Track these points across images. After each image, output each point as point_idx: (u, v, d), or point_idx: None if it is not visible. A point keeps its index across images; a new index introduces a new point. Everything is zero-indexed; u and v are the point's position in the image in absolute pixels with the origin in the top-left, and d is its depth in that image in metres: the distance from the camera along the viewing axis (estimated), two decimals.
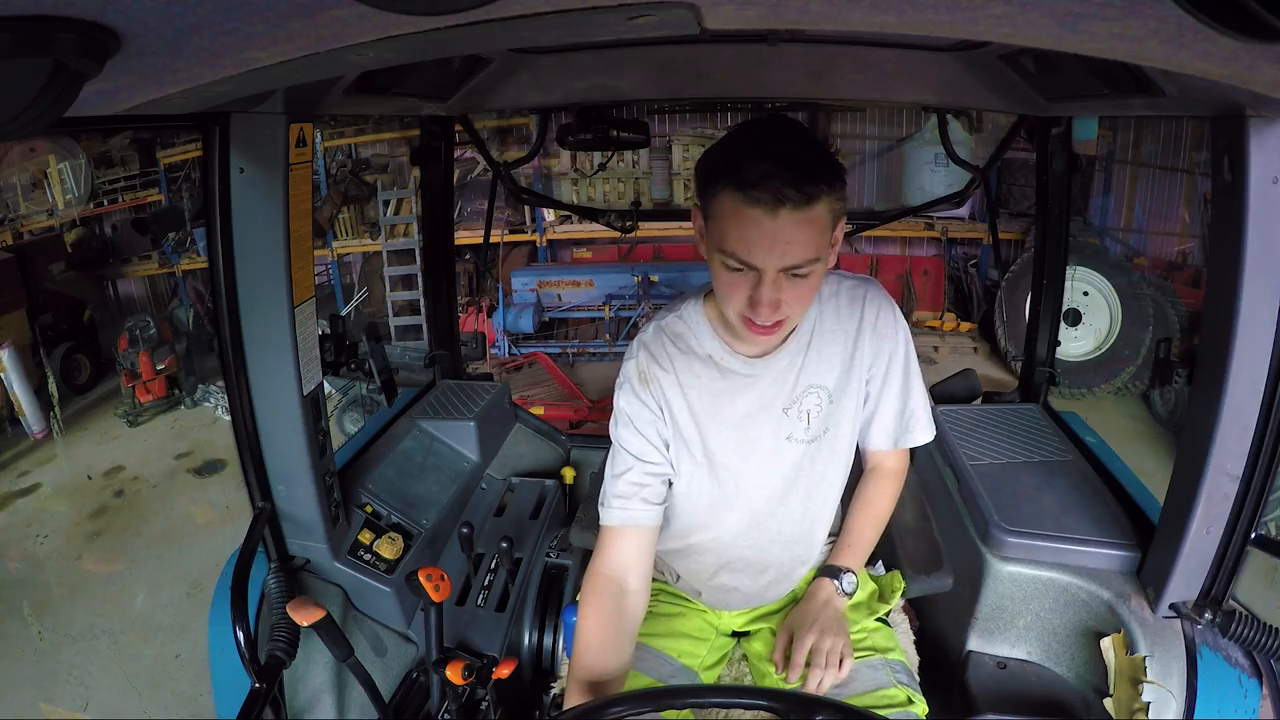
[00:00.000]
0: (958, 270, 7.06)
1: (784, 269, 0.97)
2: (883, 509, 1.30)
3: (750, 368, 1.17)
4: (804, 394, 1.19)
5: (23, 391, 5.76)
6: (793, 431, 1.20)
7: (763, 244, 0.95)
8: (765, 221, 0.94)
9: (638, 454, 1.18)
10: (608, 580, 1.15)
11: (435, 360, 2.16)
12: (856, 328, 1.19)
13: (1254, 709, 1.18)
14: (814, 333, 1.18)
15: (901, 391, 1.24)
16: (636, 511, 1.16)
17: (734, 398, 1.18)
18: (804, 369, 1.18)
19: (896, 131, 7.05)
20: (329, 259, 7.34)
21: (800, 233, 0.95)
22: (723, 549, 1.27)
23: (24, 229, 7.21)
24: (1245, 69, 0.64)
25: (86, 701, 3.16)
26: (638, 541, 1.16)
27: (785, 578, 1.30)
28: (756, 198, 0.93)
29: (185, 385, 6.20)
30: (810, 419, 1.20)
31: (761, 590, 1.30)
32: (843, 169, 1.00)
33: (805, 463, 1.22)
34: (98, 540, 4.41)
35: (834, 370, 1.19)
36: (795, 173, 0.93)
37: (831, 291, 1.20)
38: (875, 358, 1.21)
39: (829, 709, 0.88)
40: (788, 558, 1.28)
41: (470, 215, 6.52)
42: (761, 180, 0.93)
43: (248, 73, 0.66)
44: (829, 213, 0.98)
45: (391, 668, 1.46)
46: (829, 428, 1.21)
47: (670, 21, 0.58)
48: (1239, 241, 0.98)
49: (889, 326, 1.21)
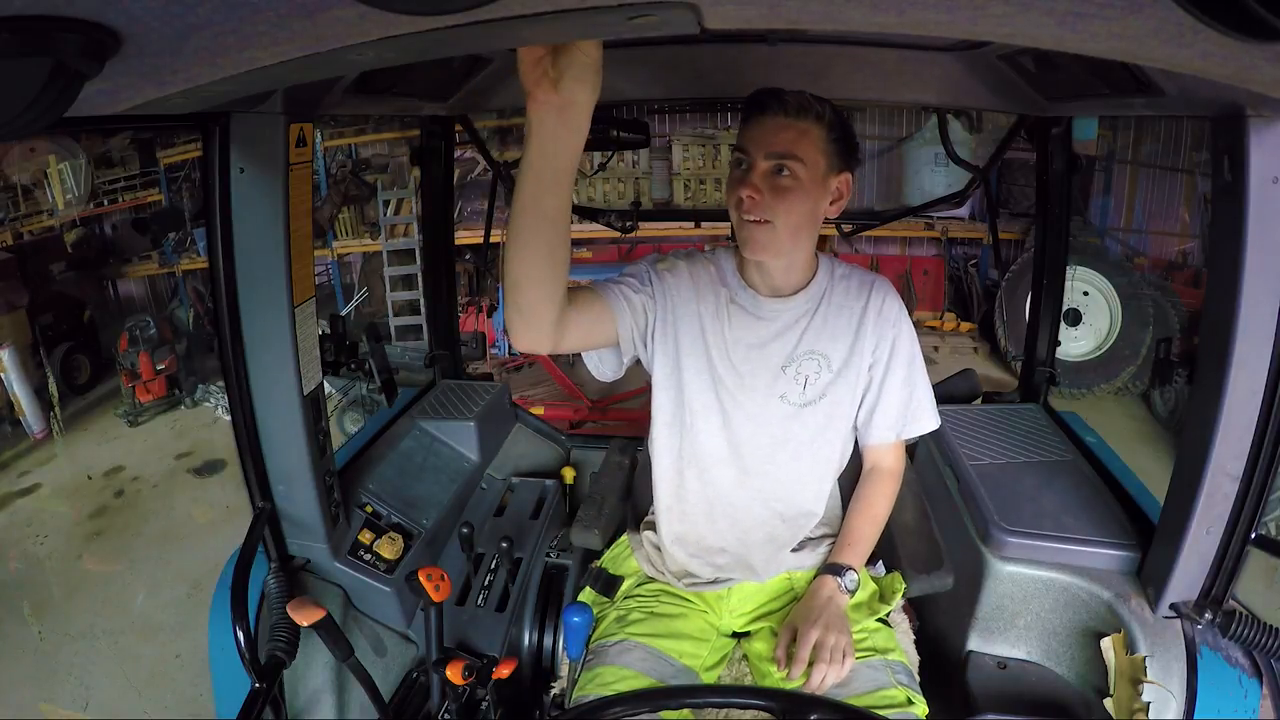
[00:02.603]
0: (958, 270, 7.05)
1: (769, 155, 1.16)
2: (882, 509, 1.36)
3: (758, 307, 1.29)
4: (804, 356, 1.28)
5: (23, 391, 5.76)
6: (787, 392, 1.29)
7: (754, 134, 1.18)
8: (760, 119, 1.18)
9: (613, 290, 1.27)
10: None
11: (435, 360, 2.16)
12: (863, 308, 1.30)
13: (1254, 709, 1.18)
14: (822, 301, 1.30)
15: (906, 380, 1.32)
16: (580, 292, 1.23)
17: (740, 328, 1.29)
18: (808, 331, 1.28)
19: (896, 131, 7.05)
20: (329, 259, 7.33)
21: (785, 132, 1.16)
22: (710, 502, 1.33)
23: (24, 229, 7.21)
24: (1245, 69, 0.64)
25: (86, 701, 3.16)
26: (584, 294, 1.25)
27: (772, 543, 1.32)
28: (762, 104, 1.18)
29: (185, 385, 6.20)
30: (807, 384, 1.29)
31: (748, 556, 1.32)
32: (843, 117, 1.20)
33: (796, 426, 1.29)
34: (98, 540, 4.41)
35: (837, 343, 1.28)
36: (792, 95, 1.17)
37: (843, 274, 1.33)
38: (879, 342, 1.30)
39: (826, 708, 0.88)
40: (772, 518, 1.32)
41: (470, 215, 6.51)
42: (769, 96, 1.18)
43: (248, 73, 0.66)
44: (817, 133, 1.17)
45: (391, 668, 1.46)
46: (826, 396, 1.29)
47: (670, 21, 0.58)
48: (1239, 241, 0.98)
49: (894, 314, 1.31)
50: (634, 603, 1.36)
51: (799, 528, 1.34)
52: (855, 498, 1.36)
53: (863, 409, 1.34)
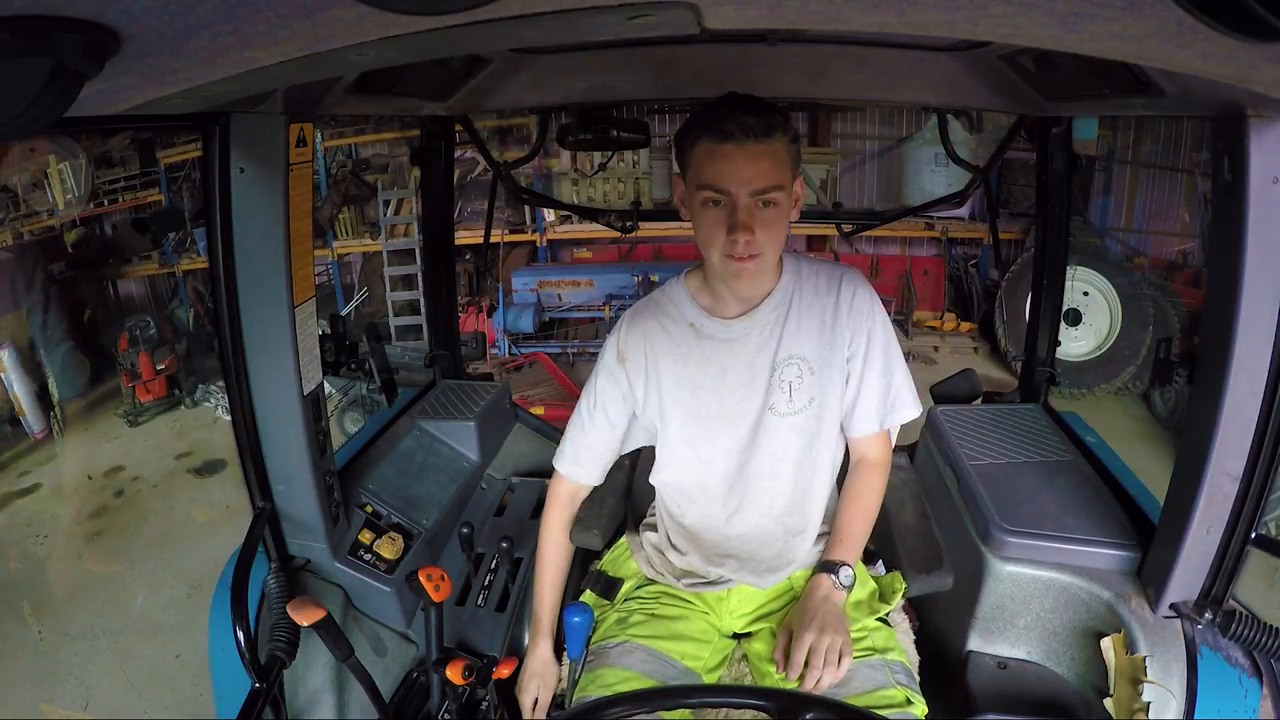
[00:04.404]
0: (958, 270, 7.06)
1: (754, 193, 1.13)
2: (871, 501, 1.33)
3: (729, 331, 1.28)
4: (784, 363, 1.27)
5: (23, 391, 5.76)
6: (775, 403, 1.28)
7: (734, 170, 1.13)
8: (735, 152, 1.12)
9: (590, 425, 1.40)
10: (560, 514, 1.44)
11: (435, 360, 2.16)
12: (834, 304, 1.28)
13: (1254, 709, 1.18)
14: (792, 304, 1.28)
15: (884, 369, 1.31)
16: (579, 473, 1.43)
17: (714, 362, 1.29)
18: (783, 338, 1.27)
19: (896, 131, 7.05)
20: (329, 259, 7.34)
21: (763, 160, 1.13)
22: (717, 531, 1.33)
23: (24, 229, 7.20)
24: (1245, 69, 0.64)
25: (86, 701, 3.17)
26: (576, 492, 1.45)
27: (781, 558, 1.32)
28: (726, 133, 1.12)
29: (185, 385, 6.20)
30: (792, 391, 1.28)
31: (763, 571, 1.32)
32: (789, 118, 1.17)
33: (792, 437, 1.29)
34: (98, 540, 4.41)
35: (812, 342, 1.27)
36: (752, 114, 1.13)
37: (811, 271, 1.31)
38: (854, 335, 1.29)
39: (824, 708, 0.88)
40: (784, 534, 1.32)
41: (470, 215, 6.51)
42: (727, 118, 1.12)
43: (248, 73, 0.66)
44: (785, 150, 1.15)
45: (391, 668, 1.46)
46: (814, 399, 1.28)
47: (670, 21, 0.58)
48: (1239, 241, 0.98)
49: (865, 305, 1.29)
50: (635, 604, 1.36)
51: (797, 531, 1.33)
52: (844, 492, 1.35)
53: (844, 403, 1.32)
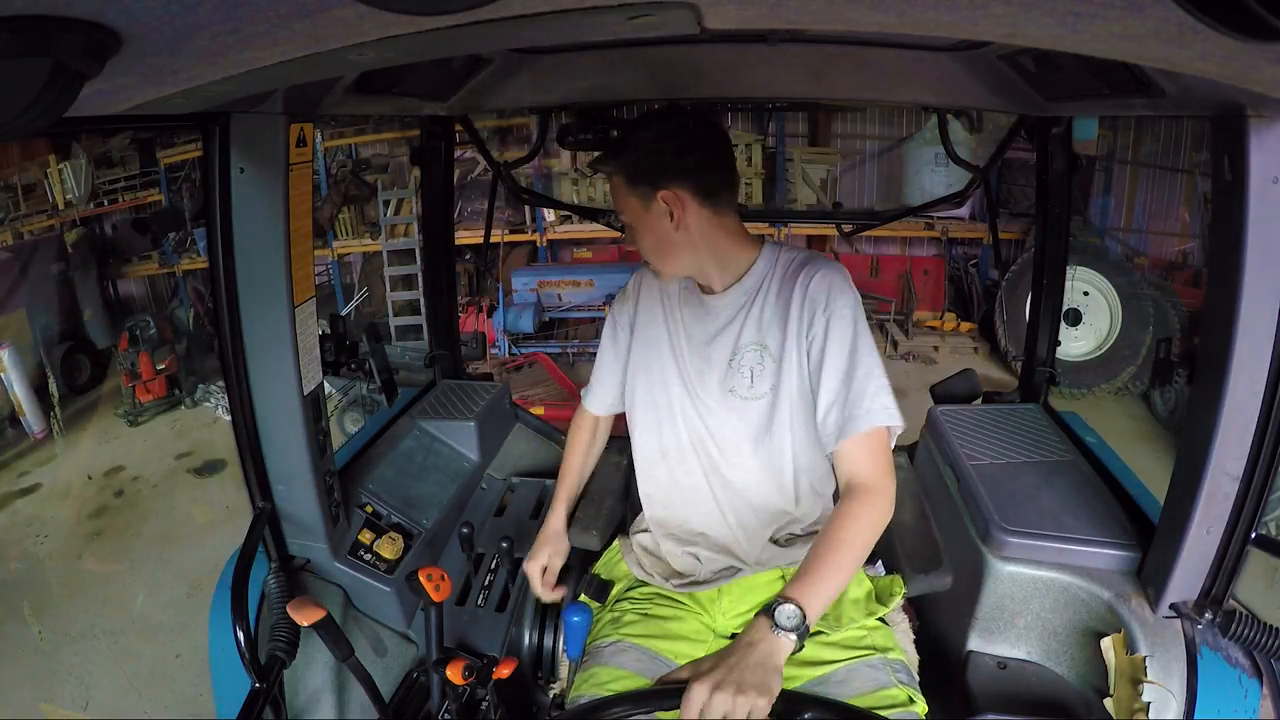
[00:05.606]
0: (958, 270, 7.06)
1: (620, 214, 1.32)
2: (843, 533, 1.11)
3: (702, 304, 1.36)
4: (746, 348, 1.30)
5: (23, 391, 5.77)
6: (735, 385, 1.30)
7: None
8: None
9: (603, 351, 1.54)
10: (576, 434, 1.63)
11: (435, 360, 2.16)
12: (792, 291, 1.27)
13: (1254, 709, 1.18)
14: (760, 291, 1.30)
15: (845, 368, 1.19)
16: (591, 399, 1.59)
17: (693, 323, 1.36)
18: (747, 323, 1.30)
19: (896, 131, 7.05)
20: (329, 259, 7.34)
21: (613, 193, 1.31)
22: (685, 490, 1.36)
23: (24, 229, 7.21)
24: (1245, 69, 0.64)
25: (86, 701, 3.17)
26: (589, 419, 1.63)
27: (744, 529, 1.34)
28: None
29: (185, 385, 6.20)
30: (753, 377, 1.29)
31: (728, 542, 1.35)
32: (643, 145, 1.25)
33: (753, 419, 1.30)
34: (98, 540, 4.41)
35: (775, 330, 1.28)
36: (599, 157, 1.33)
37: (788, 259, 1.31)
38: (811, 324, 1.23)
39: (825, 708, 0.88)
40: (743, 507, 1.34)
41: (470, 215, 6.52)
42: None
43: (248, 73, 0.66)
44: (621, 183, 1.27)
45: (391, 668, 1.46)
46: (775, 386, 1.28)
47: (670, 21, 0.58)
48: (1239, 241, 0.98)
49: (821, 291, 1.22)
50: (627, 605, 1.36)
51: (771, 519, 1.33)
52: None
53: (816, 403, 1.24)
